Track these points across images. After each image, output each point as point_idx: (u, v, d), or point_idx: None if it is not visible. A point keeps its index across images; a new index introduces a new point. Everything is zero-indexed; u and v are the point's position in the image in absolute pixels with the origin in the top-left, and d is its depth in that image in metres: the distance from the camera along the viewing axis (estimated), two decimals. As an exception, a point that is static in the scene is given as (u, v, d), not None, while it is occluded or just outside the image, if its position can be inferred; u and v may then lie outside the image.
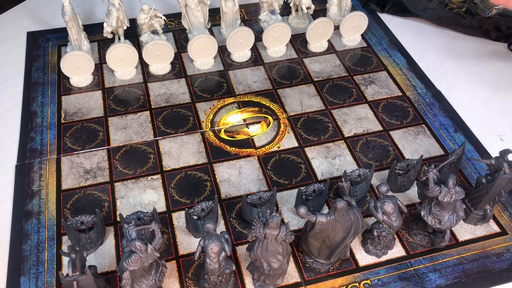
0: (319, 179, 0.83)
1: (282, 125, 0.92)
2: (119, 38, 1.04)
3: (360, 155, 0.87)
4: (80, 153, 0.86)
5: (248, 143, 0.89)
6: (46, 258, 0.71)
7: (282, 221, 0.76)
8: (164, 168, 0.84)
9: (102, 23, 1.01)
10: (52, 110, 0.93)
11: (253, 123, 0.92)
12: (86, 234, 0.73)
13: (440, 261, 0.73)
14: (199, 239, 0.63)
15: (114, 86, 0.99)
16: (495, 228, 0.77)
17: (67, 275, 0.60)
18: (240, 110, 0.95)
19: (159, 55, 0.99)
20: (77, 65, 0.96)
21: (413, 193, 0.81)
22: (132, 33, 1.10)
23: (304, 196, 0.77)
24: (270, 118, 0.93)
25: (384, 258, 0.73)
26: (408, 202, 0.80)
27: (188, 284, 0.69)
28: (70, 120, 0.92)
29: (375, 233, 0.69)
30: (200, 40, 0.99)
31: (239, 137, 0.90)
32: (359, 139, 0.90)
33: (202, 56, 1.02)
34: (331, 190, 0.81)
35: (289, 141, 0.89)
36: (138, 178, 0.82)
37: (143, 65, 1.03)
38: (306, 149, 0.87)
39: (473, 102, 0.99)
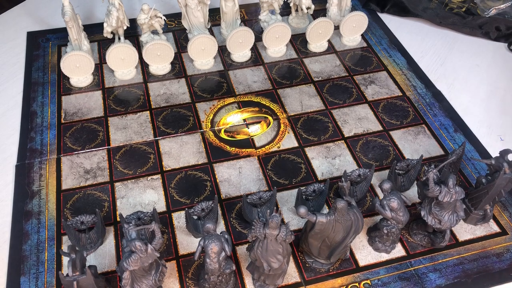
0: (319, 179, 0.83)
1: (282, 125, 0.92)
2: (119, 38, 1.04)
3: (360, 155, 0.87)
4: (80, 153, 0.86)
5: (248, 143, 0.89)
6: (46, 258, 0.71)
7: (282, 221, 0.76)
8: (164, 168, 0.84)
9: (102, 23, 1.01)
10: (52, 110, 0.93)
11: (253, 123, 0.92)
12: (86, 234, 0.73)
13: (440, 261, 0.73)
14: (199, 239, 0.63)
15: (114, 86, 0.99)
16: (495, 228, 0.77)
17: (67, 275, 0.60)
18: (240, 110, 0.95)
19: (159, 55, 0.99)
20: (77, 65, 0.96)
21: (413, 193, 0.81)
22: (132, 33, 1.10)
23: (304, 196, 0.77)
24: (270, 118, 0.93)
25: (384, 258, 0.73)
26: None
27: (188, 284, 0.69)
28: (70, 120, 0.92)
29: (385, 231, 0.69)
30: (200, 40, 0.99)
31: (239, 137, 0.90)
32: (359, 139, 0.90)
33: (202, 56, 1.02)
34: (331, 190, 0.81)
35: (289, 141, 0.89)
36: (138, 178, 0.82)
37: (143, 65, 1.03)
38: (306, 149, 0.87)
39: (473, 102, 0.99)
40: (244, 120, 0.93)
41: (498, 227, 0.77)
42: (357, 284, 0.70)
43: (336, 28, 1.11)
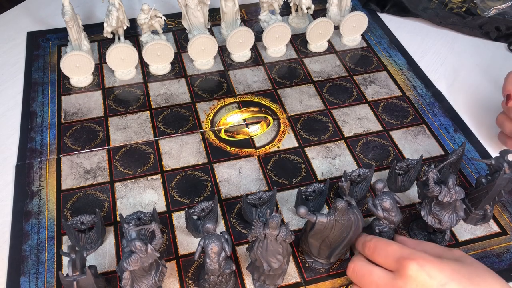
0: (319, 179, 0.83)
1: (282, 125, 0.92)
2: (119, 38, 1.04)
3: (360, 155, 0.87)
4: (80, 153, 0.86)
5: (248, 143, 0.89)
6: (46, 258, 0.71)
7: (282, 221, 0.77)
8: (164, 168, 0.84)
9: (102, 23, 1.01)
10: (52, 110, 0.93)
11: (253, 123, 0.92)
12: (86, 234, 0.73)
13: (440, 261, 0.72)
14: (199, 239, 0.63)
15: (114, 86, 0.99)
16: (495, 228, 0.77)
17: (67, 275, 0.60)
18: (240, 110, 0.95)
19: (159, 55, 0.99)
20: (77, 65, 0.96)
21: (413, 193, 0.81)
22: (132, 33, 1.10)
23: (304, 196, 0.77)
24: (270, 118, 0.93)
25: (384, 258, 0.73)
26: (408, 202, 0.80)
27: (188, 284, 0.69)
28: (70, 120, 0.92)
29: (377, 230, 0.69)
30: (200, 40, 0.99)
31: (239, 137, 0.90)
32: (359, 139, 0.90)
33: (202, 56, 1.02)
34: (331, 190, 0.81)
35: (289, 141, 0.89)
36: (138, 178, 0.82)
37: (143, 65, 1.03)
38: (306, 149, 0.88)
39: (473, 102, 0.99)
40: (244, 120, 0.93)
41: (498, 227, 0.77)
42: (357, 284, 0.69)
43: (336, 28, 1.11)
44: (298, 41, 1.11)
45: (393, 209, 0.66)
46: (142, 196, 0.79)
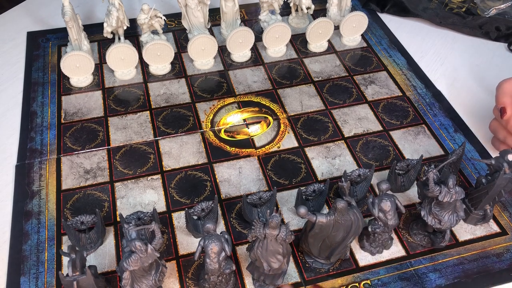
0: (319, 179, 0.83)
1: (282, 125, 0.92)
2: (119, 38, 1.04)
3: (360, 155, 0.87)
4: (80, 153, 0.86)
5: (248, 143, 0.89)
6: (46, 258, 0.71)
7: (282, 221, 0.77)
8: (164, 168, 0.84)
9: (102, 23, 1.01)
10: (52, 110, 0.93)
11: (253, 123, 0.92)
12: (86, 234, 0.73)
13: (440, 261, 0.73)
14: (199, 239, 0.63)
15: (114, 86, 0.99)
16: (495, 228, 0.77)
17: (67, 275, 0.60)
18: (240, 110, 0.95)
19: (159, 55, 0.99)
20: (77, 65, 0.96)
21: (413, 193, 0.81)
22: (132, 33, 1.10)
23: (304, 196, 0.77)
24: (270, 118, 0.93)
25: (384, 258, 0.73)
26: (408, 202, 0.80)
27: (188, 284, 0.69)
28: (70, 120, 0.92)
29: (370, 229, 0.69)
30: (200, 40, 0.99)
31: (239, 137, 0.90)
32: (359, 139, 0.90)
33: (202, 56, 1.02)
34: (331, 190, 0.81)
35: (289, 141, 0.89)
36: (138, 178, 0.82)
37: (143, 65, 1.03)
38: (306, 149, 0.88)
39: (473, 102, 0.99)
40: (244, 120, 0.93)
41: (498, 227, 0.77)
42: (357, 284, 0.70)
43: (336, 28, 1.11)
44: (298, 41, 1.11)
45: (390, 213, 0.66)
46: (142, 196, 0.79)
